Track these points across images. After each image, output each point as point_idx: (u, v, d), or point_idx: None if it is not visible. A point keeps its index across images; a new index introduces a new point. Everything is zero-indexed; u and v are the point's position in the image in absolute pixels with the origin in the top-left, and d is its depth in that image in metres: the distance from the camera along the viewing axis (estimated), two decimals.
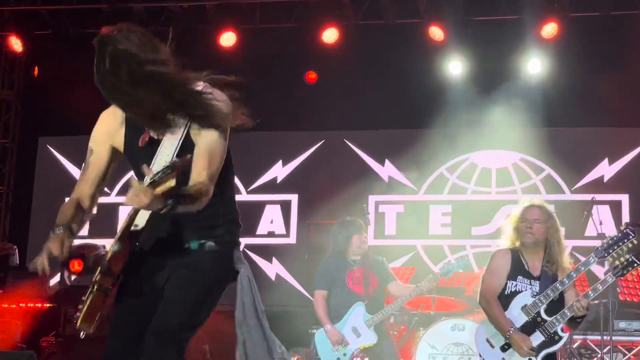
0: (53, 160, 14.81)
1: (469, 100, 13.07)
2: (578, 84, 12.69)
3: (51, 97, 14.40)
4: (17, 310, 11.64)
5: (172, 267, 4.30)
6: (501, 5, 13.03)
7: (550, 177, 13.30)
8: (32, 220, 14.54)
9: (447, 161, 13.58)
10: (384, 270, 9.03)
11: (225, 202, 4.43)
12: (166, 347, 4.16)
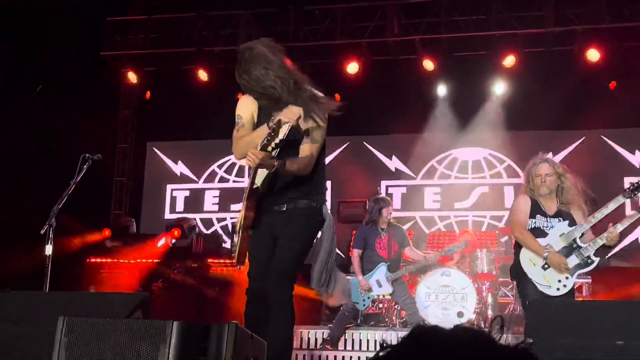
0: (157, 158, 14.88)
1: (451, 112, 13.25)
2: (529, 98, 12.80)
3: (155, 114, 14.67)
4: (135, 265, 11.68)
5: (281, 219, 4.47)
6: (475, 44, 13.11)
7: (510, 166, 13.40)
8: (143, 201, 14.69)
9: (436, 156, 13.71)
10: (402, 237, 9.20)
11: (318, 173, 4.55)
12: (281, 280, 4.37)
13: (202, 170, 14.53)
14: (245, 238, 4.48)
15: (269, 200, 4.52)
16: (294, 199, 4.48)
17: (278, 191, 4.49)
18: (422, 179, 13.74)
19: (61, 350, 3.09)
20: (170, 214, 14.34)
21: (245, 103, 4.64)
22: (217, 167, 14.46)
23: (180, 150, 14.71)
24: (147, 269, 11.73)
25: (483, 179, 13.52)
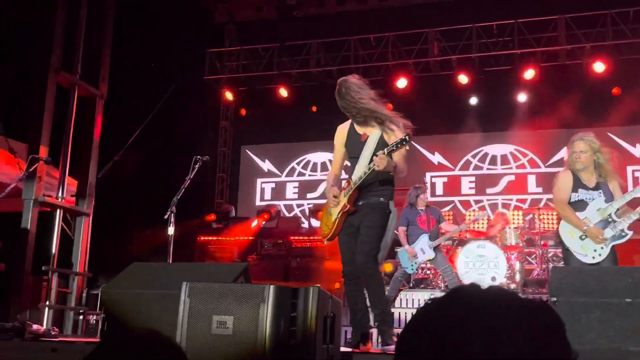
0: (248, 158, 14.95)
1: (482, 116, 13.06)
2: (546, 103, 12.55)
3: (247, 123, 14.87)
4: (234, 241, 11.84)
5: (361, 211, 4.52)
6: (501, 61, 12.92)
7: (532, 159, 13.14)
8: (239, 192, 14.84)
9: (471, 151, 13.55)
10: (438, 215, 9.12)
11: (390, 175, 4.58)
12: (367, 259, 4.41)
13: (284, 167, 14.63)
14: (342, 221, 4.51)
15: (357, 200, 4.58)
16: (371, 196, 4.53)
17: (362, 191, 4.55)
18: (459, 170, 13.55)
19: (185, 308, 3.15)
20: (260, 201, 14.48)
21: (338, 133, 4.89)
22: (296, 164, 14.54)
23: (266, 152, 14.83)
24: (244, 244, 11.87)
25: (510, 170, 13.27)
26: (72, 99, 8.00)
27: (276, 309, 3.02)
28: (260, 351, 2.99)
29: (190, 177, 5.93)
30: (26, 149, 7.70)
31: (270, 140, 14.62)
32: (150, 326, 3.98)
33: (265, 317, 3.01)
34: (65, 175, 7.84)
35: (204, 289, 3.16)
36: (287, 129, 13.98)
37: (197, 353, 3.00)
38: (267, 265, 11.03)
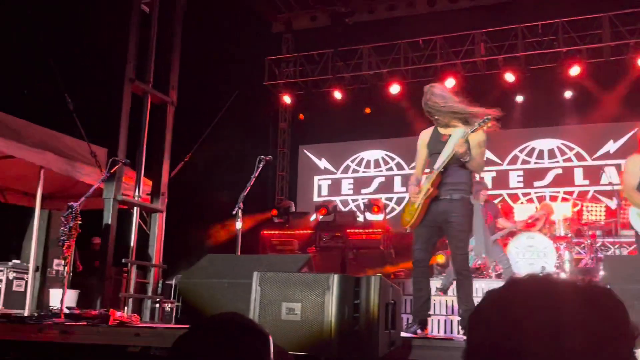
0: (306, 157, 15.02)
1: (529, 113, 12.75)
2: (591, 99, 12.18)
3: (304, 125, 14.95)
4: (295, 235, 11.91)
5: (441, 206, 4.49)
6: (546, 59, 12.61)
7: (579, 152, 12.78)
8: (298, 188, 14.94)
9: (518, 146, 13.27)
10: (496, 210, 8.94)
11: (470, 172, 4.57)
12: (462, 258, 4.43)
13: (339, 164, 14.66)
14: (425, 207, 4.48)
15: (440, 185, 4.54)
16: (452, 191, 4.50)
17: (444, 179, 4.52)
18: (507, 165, 13.27)
19: (256, 296, 3.19)
20: (317, 197, 14.54)
21: (421, 136, 4.84)
22: (350, 162, 14.55)
23: (322, 151, 14.88)
24: (303, 237, 11.90)
25: (557, 163, 12.91)
26: (146, 106, 8.17)
27: (340, 296, 3.03)
28: (327, 336, 3.00)
29: (255, 176, 5.99)
30: (106, 152, 7.92)
31: (326, 140, 14.67)
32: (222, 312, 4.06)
33: (331, 304, 3.02)
34: (141, 176, 8.03)
35: (274, 278, 3.20)
36: (341, 129, 14.00)
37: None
38: (326, 256, 11.05)
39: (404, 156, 14.03)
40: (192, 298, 4.27)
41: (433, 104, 4.54)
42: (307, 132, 14.83)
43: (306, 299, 3.08)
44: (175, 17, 8.67)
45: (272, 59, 14.67)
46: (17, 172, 9.09)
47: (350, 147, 14.46)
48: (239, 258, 4.64)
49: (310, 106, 14.56)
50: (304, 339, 3.05)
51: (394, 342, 3.25)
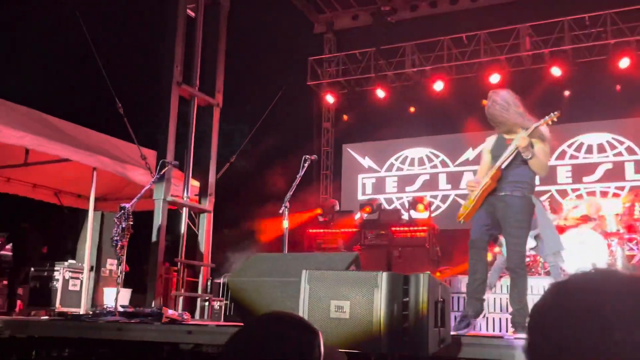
0: (350, 156, 14.96)
1: (577, 107, 12.42)
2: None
3: (347, 124, 14.95)
4: (340, 233, 11.89)
5: (501, 202, 4.43)
6: (594, 52, 12.28)
7: (630, 147, 12.41)
8: (342, 187, 14.90)
9: (566, 141, 12.96)
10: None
11: (532, 172, 4.48)
12: (521, 260, 4.39)
13: (383, 163, 14.60)
14: (482, 198, 4.46)
15: (497, 185, 4.49)
16: (513, 188, 4.44)
17: (505, 175, 4.46)
18: (555, 160, 12.95)
19: (305, 294, 3.22)
20: (362, 195, 14.52)
21: (487, 141, 4.78)
22: (394, 160, 14.48)
23: (366, 149, 14.85)
24: (348, 236, 11.88)
25: (606, 158, 12.56)
26: (192, 108, 8.32)
27: (389, 294, 3.03)
28: (376, 333, 3.01)
29: (300, 175, 6.03)
30: (155, 155, 8.10)
31: (369, 138, 14.64)
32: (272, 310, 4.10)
33: (380, 301, 3.03)
34: (189, 177, 8.18)
35: (322, 276, 3.22)
36: (385, 127, 13.95)
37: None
38: (371, 254, 11.01)
39: (448, 153, 13.88)
40: (242, 297, 4.33)
41: (492, 112, 4.54)
42: (351, 131, 14.79)
43: (355, 297, 3.09)
44: (220, 20, 8.80)
45: (314, 59, 14.73)
46: (71, 175, 9.39)
47: (394, 145, 14.40)
48: (286, 257, 4.68)
49: (353, 105, 14.57)
50: (353, 336, 3.06)
51: (443, 339, 3.24)
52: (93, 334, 4.61)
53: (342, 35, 15.02)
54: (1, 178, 9.65)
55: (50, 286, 8.15)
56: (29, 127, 7.60)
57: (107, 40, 9.41)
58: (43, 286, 8.20)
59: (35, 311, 8.17)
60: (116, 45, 10.80)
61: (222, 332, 4.11)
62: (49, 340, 5.24)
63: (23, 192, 10.05)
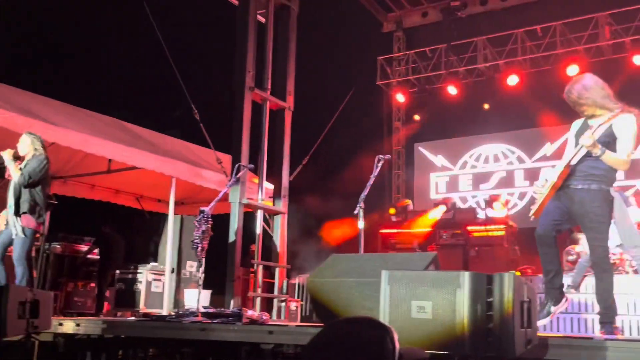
0: (422, 155, 14.86)
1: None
2: None
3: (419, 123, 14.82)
4: (413, 233, 11.80)
5: (582, 197, 4.23)
6: None
7: None
8: (415, 186, 14.82)
9: None
10: (624, 200, 8.38)
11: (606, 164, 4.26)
12: (604, 253, 4.23)
13: (456, 161, 14.37)
14: (550, 194, 4.31)
15: (570, 178, 4.31)
16: (588, 181, 4.26)
17: (580, 170, 4.28)
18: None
19: (386, 295, 3.20)
20: (435, 194, 14.35)
21: (572, 126, 4.58)
22: (468, 157, 14.23)
23: (439, 147, 14.66)
24: (423, 235, 11.78)
25: None
26: (265, 112, 8.45)
27: (472, 294, 2.97)
28: (459, 334, 2.96)
29: (374, 175, 6.01)
30: (230, 159, 8.27)
31: (441, 136, 14.46)
32: (350, 311, 4.10)
33: (463, 302, 2.97)
34: (263, 180, 8.30)
35: (402, 277, 3.19)
36: (457, 125, 13.74)
37: (399, 336, 3.03)
38: (446, 254, 10.84)
39: (525, 149, 13.48)
40: (320, 297, 4.35)
41: (571, 98, 4.35)
42: (422, 129, 14.69)
43: (437, 297, 3.04)
44: (289, 24, 8.90)
45: (383, 58, 14.69)
46: (151, 181, 9.73)
47: (468, 142, 14.13)
48: (363, 257, 4.68)
49: (424, 103, 14.46)
50: (436, 337, 3.02)
51: (530, 340, 3.14)
52: (178, 334, 4.75)
53: (411, 33, 14.93)
54: (86, 185, 10.13)
55: (134, 288, 8.47)
56: (112, 136, 7.94)
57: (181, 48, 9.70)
58: (128, 288, 8.53)
59: (122, 312, 8.51)
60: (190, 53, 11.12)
61: (302, 333, 4.15)
62: (134, 340, 5.44)
63: (106, 198, 10.51)
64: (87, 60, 11.57)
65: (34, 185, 5.74)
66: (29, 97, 7.79)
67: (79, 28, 11.50)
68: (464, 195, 14.06)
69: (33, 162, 5.79)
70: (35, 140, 5.93)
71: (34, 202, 5.71)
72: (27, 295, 4.30)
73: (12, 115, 6.53)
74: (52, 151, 8.16)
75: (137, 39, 11.41)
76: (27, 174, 5.69)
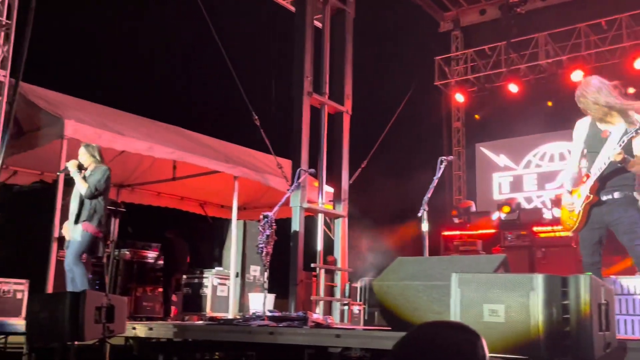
0: (483, 155, 14.58)
1: None
2: None
3: (480, 122, 14.57)
4: (477, 235, 11.66)
5: (611, 208, 4.19)
6: None
7: None
8: (477, 187, 14.55)
9: None
10: None
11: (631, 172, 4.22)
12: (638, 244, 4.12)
13: (519, 160, 14.04)
14: (586, 211, 4.22)
15: (598, 189, 4.26)
16: (614, 191, 4.20)
17: (603, 182, 4.23)
18: None
19: (456, 298, 3.16)
20: (498, 195, 14.06)
21: (577, 128, 4.52)
22: (532, 156, 13.88)
23: (501, 147, 14.36)
24: (486, 237, 11.57)
25: None
26: (323, 116, 8.50)
27: (547, 296, 2.90)
28: (535, 338, 2.89)
29: (437, 177, 5.94)
30: (290, 164, 8.35)
31: (503, 135, 14.17)
32: (418, 314, 4.06)
33: (537, 304, 2.91)
34: (323, 184, 8.35)
35: (473, 279, 3.14)
36: (519, 123, 13.42)
37: None
38: (512, 256, 10.32)
39: None
40: (387, 301, 4.34)
41: (582, 102, 4.25)
42: (483, 129, 14.44)
43: (509, 300, 2.98)
44: (345, 27, 8.93)
45: (441, 58, 14.53)
46: (214, 187, 9.96)
47: (531, 140, 13.78)
48: (429, 260, 4.64)
49: (484, 102, 14.21)
50: (509, 340, 2.96)
51: (609, 344, 3.04)
52: (246, 338, 4.82)
53: (469, 32, 14.72)
54: (152, 192, 10.45)
55: (200, 292, 8.66)
56: (177, 144, 8.16)
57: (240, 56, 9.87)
58: (194, 292, 8.72)
59: (189, 316, 8.71)
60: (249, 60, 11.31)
61: (369, 336, 4.14)
62: (201, 343, 5.55)
63: (172, 205, 10.81)
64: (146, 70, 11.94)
65: (99, 196, 5.82)
66: (100, 109, 8.10)
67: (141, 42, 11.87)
68: (529, 195, 13.72)
69: (97, 173, 5.85)
70: (94, 150, 5.99)
71: (93, 211, 5.75)
72: (103, 301, 4.46)
73: (82, 127, 6.80)
74: (119, 161, 8.50)
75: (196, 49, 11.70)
76: (93, 186, 5.73)
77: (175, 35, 12.34)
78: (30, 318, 4.68)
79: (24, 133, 7.18)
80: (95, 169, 5.90)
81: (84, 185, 5.76)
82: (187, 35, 11.87)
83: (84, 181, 5.79)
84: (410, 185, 10.61)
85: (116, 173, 8.30)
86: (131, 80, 11.35)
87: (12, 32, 6.87)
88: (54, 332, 4.45)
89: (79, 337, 4.39)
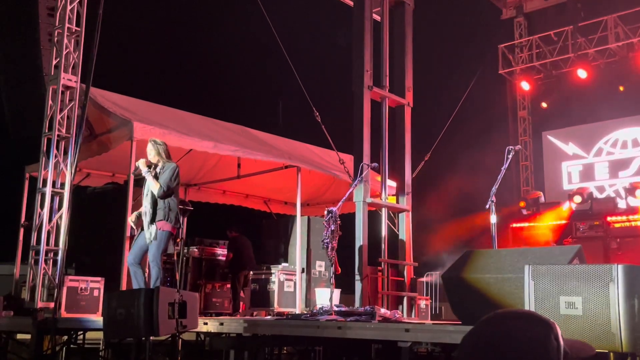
0: (550, 143, 14.18)
1: None
2: None
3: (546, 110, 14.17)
4: (546, 226, 11.38)
5: None
6: None
7: None
8: (545, 177, 14.15)
9: None
10: None
11: None
12: None
13: (590, 148, 13.55)
14: None
15: None
16: None
17: None
18: None
19: (530, 290, 3.07)
20: (568, 184, 13.62)
21: None
22: (603, 144, 13.37)
23: (569, 135, 13.91)
24: (557, 228, 11.28)
25: None
26: (384, 110, 8.43)
27: (628, 288, 2.79)
28: (615, 330, 2.78)
29: (505, 167, 5.81)
30: (351, 159, 8.32)
31: (571, 123, 13.72)
32: (489, 308, 3.97)
33: (617, 296, 2.79)
34: (385, 178, 8.28)
35: (547, 271, 3.05)
36: (589, 110, 12.98)
37: None
38: (585, 247, 10.08)
39: None
40: (456, 294, 4.27)
41: None
42: (550, 117, 14.06)
43: (587, 292, 2.88)
44: (405, 19, 8.82)
45: (505, 46, 14.18)
46: (277, 185, 10.06)
47: (602, 127, 13.28)
48: (500, 252, 4.51)
49: (550, 89, 13.86)
50: (589, 333, 2.86)
51: None
52: (315, 332, 4.85)
53: (533, 18, 14.33)
54: (218, 191, 10.65)
55: (268, 288, 8.76)
56: (241, 142, 8.29)
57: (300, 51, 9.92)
58: (262, 288, 8.83)
59: (257, 312, 8.83)
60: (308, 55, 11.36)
61: (439, 330, 4.08)
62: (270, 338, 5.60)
63: (237, 202, 11.00)
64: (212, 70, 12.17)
65: (171, 194, 5.75)
66: (163, 110, 8.32)
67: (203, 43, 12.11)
68: (601, 184, 13.22)
69: (166, 172, 5.77)
70: (160, 147, 5.89)
71: (168, 209, 5.66)
72: (176, 297, 4.57)
73: (150, 128, 7.00)
74: (186, 160, 8.69)
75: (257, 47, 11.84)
76: (165, 185, 5.66)
77: (237, 36, 12.54)
78: (107, 315, 4.81)
79: (96, 136, 7.45)
80: (165, 167, 5.83)
81: (156, 185, 5.69)
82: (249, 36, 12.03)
83: (156, 180, 5.76)
84: (475, 177, 10.41)
85: (183, 172, 8.44)
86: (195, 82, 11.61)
87: (81, 38, 7.13)
88: (130, 328, 4.58)
89: (153, 332, 4.50)
